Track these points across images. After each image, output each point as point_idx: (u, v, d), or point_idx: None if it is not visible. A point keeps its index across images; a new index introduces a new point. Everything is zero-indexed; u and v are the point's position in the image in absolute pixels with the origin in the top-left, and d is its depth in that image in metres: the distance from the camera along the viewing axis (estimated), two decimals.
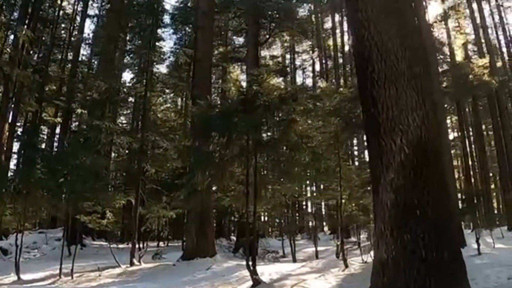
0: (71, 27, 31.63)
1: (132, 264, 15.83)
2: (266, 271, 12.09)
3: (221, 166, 9.74)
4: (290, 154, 10.20)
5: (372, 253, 17.23)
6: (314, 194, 20.97)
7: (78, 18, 31.64)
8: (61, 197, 15.19)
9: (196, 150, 10.15)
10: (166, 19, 27.20)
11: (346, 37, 39.40)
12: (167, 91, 32.43)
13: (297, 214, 27.00)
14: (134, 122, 28.69)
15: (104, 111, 17.37)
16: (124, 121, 30.77)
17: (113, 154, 26.19)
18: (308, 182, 17.27)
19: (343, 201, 18.52)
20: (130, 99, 28.85)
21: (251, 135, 9.49)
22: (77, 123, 27.38)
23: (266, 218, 32.21)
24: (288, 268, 13.97)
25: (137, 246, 18.01)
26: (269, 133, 11.01)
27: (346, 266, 13.47)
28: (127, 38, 26.52)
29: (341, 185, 14.10)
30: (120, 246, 22.17)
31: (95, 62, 30.09)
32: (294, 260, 18.39)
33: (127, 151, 24.03)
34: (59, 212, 17.25)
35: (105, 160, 20.27)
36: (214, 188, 15.43)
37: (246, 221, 10.81)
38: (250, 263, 10.35)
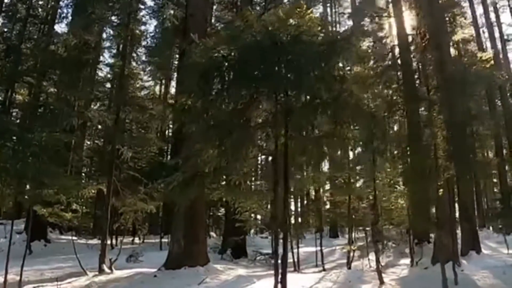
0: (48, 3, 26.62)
1: (101, 271, 11.48)
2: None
3: (245, 137, 5.50)
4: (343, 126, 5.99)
5: (370, 257, 13.35)
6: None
7: None
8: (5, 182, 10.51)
9: (201, 112, 5.91)
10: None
11: (338, 26, 35.97)
12: (145, 76, 27.36)
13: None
14: (110, 103, 23.75)
15: (75, 76, 12.81)
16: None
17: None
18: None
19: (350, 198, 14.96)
20: (108, 85, 24.32)
21: (292, 90, 5.37)
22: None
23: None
24: (303, 283, 10.03)
25: (109, 242, 13.77)
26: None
27: (382, 282, 9.64)
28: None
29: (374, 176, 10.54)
30: (91, 242, 17.80)
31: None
32: (296, 268, 13.87)
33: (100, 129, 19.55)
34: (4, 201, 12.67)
35: (78, 139, 15.84)
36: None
37: (278, 220, 6.57)
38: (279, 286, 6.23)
